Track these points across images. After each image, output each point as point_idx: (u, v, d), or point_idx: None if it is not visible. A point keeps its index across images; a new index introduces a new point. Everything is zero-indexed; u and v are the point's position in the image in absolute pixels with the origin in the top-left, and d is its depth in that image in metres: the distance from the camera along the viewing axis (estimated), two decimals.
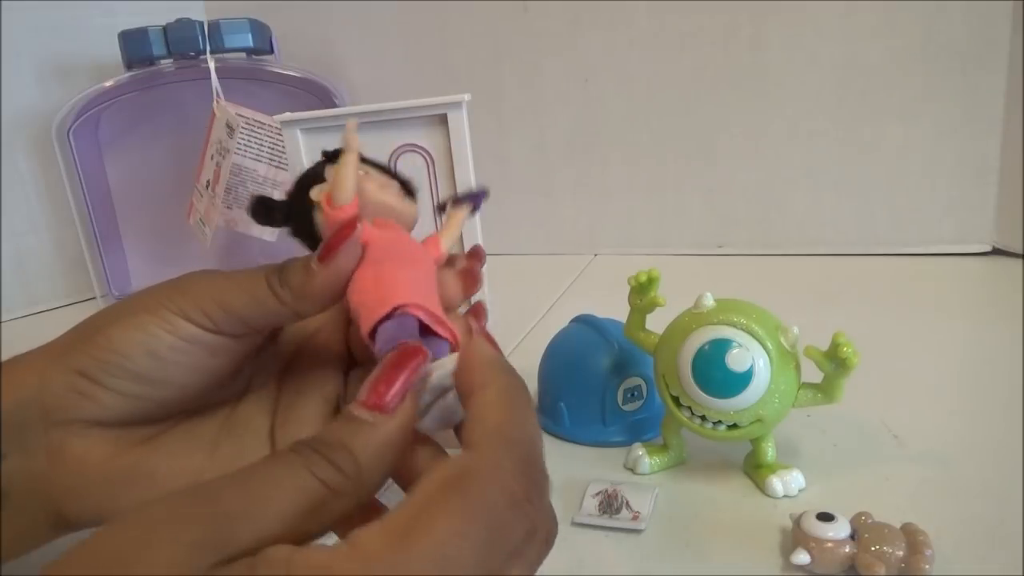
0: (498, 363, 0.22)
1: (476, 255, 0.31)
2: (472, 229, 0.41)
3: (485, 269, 0.41)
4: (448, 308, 0.29)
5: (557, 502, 0.36)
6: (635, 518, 0.34)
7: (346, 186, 0.27)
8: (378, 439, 0.21)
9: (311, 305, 0.27)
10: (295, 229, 0.30)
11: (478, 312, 0.30)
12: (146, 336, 0.26)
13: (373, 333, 0.25)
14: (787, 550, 0.31)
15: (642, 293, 0.38)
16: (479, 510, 0.18)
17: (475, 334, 0.24)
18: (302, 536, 0.19)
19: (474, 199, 0.32)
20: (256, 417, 0.31)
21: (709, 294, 0.36)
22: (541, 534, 0.21)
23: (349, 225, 0.26)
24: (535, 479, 0.20)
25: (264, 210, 0.30)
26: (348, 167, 0.27)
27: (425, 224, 0.41)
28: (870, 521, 0.30)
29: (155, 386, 0.27)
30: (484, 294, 0.42)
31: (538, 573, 0.21)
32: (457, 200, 0.32)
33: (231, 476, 0.19)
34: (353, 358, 0.32)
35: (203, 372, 0.28)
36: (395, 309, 0.25)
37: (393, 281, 0.26)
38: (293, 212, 0.29)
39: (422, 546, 0.17)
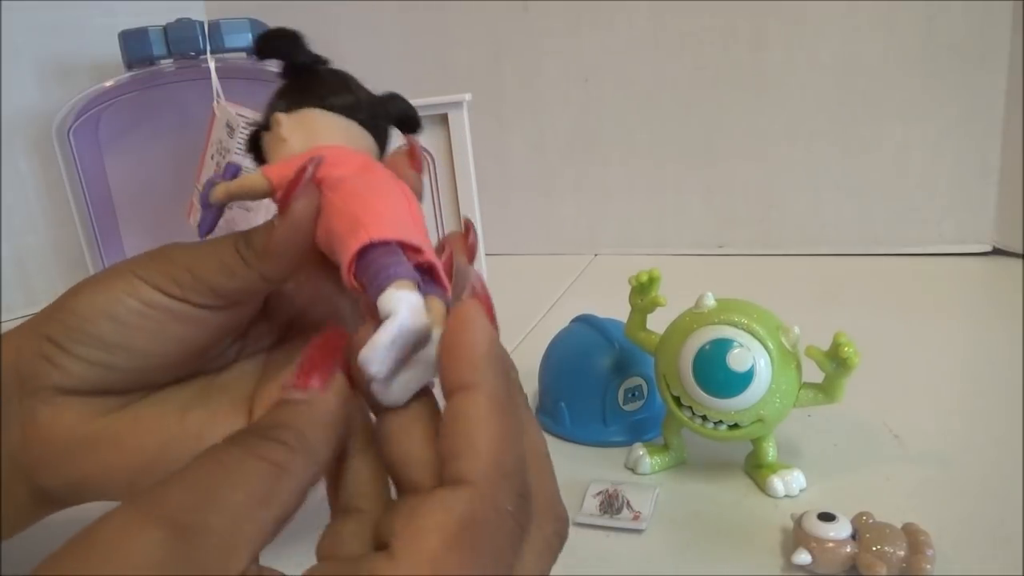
0: (490, 352, 0.20)
1: (468, 229, 0.28)
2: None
3: (485, 269, 0.41)
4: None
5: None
6: (636, 518, 0.34)
7: (251, 186, 0.26)
8: (318, 414, 0.20)
9: (276, 264, 0.26)
10: None
11: (467, 230, 0.26)
12: (109, 301, 0.26)
13: (355, 273, 0.22)
14: (788, 550, 0.31)
15: (643, 293, 0.38)
16: (489, 560, 0.18)
17: (467, 296, 0.21)
18: (266, 526, 0.18)
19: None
20: (236, 385, 0.30)
21: (710, 294, 0.36)
22: (545, 531, 0.21)
23: (298, 177, 0.25)
24: (529, 511, 0.20)
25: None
26: (241, 186, 0.26)
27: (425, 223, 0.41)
28: (871, 521, 0.30)
29: (121, 353, 0.27)
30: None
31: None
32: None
33: (174, 478, 0.18)
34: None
35: (171, 340, 0.27)
36: (371, 242, 0.22)
37: (363, 207, 0.24)
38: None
39: None
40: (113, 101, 0.71)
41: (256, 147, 0.28)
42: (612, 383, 0.41)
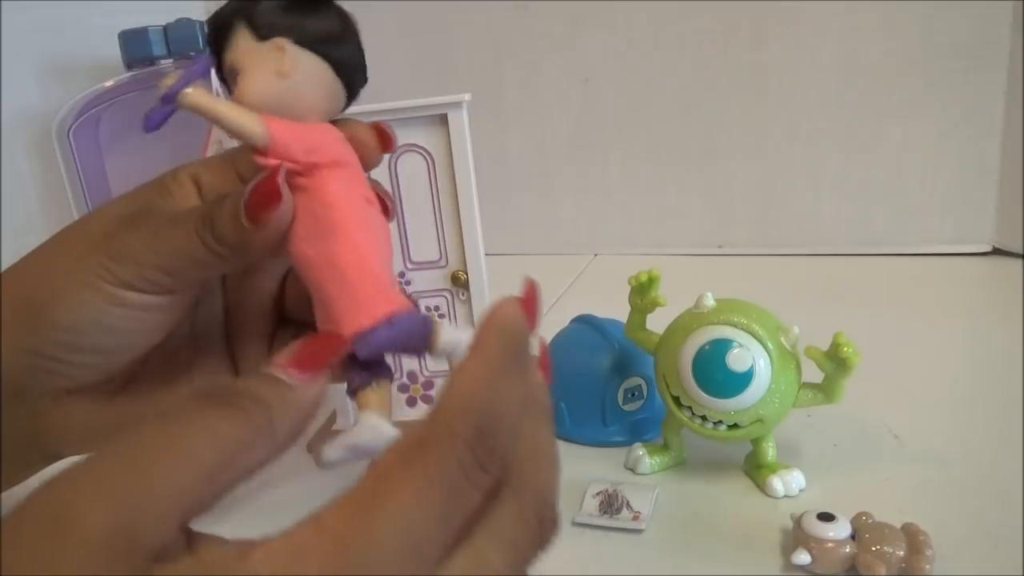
0: (508, 329, 0.20)
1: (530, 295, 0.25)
2: (472, 227, 0.41)
3: (485, 270, 0.41)
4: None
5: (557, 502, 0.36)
6: (636, 518, 0.34)
7: (250, 130, 0.23)
8: (295, 402, 0.20)
9: (254, 257, 0.26)
10: None
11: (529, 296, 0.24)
12: (96, 313, 0.25)
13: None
14: (788, 550, 0.31)
15: (643, 293, 0.38)
16: (434, 477, 0.18)
17: (507, 300, 0.21)
18: (214, 489, 0.18)
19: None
20: (210, 333, 0.30)
21: (709, 294, 0.36)
22: (523, 501, 0.21)
23: (271, 193, 0.23)
24: (491, 448, 0.19)
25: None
26: (229, 115, 0.23)
27: (425, 224, 0.42)
28: (871, 521, 0.30)
29: (119, 351, 0.27)
30: (485, 296, 0.42)
31: (539, 573, 0.21)
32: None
33: (150, 428, 0.19)
34: None
35: (165, 325, 0.27)
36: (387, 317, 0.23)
37: (358, 265, 0.23)
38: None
39: (385, 515, 0.17)
40: (113, 101, 0.71)
41: (221, 41, 0.24)
42: (612, 383, 0.41)
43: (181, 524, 0.18)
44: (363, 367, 0.23)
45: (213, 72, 0.26)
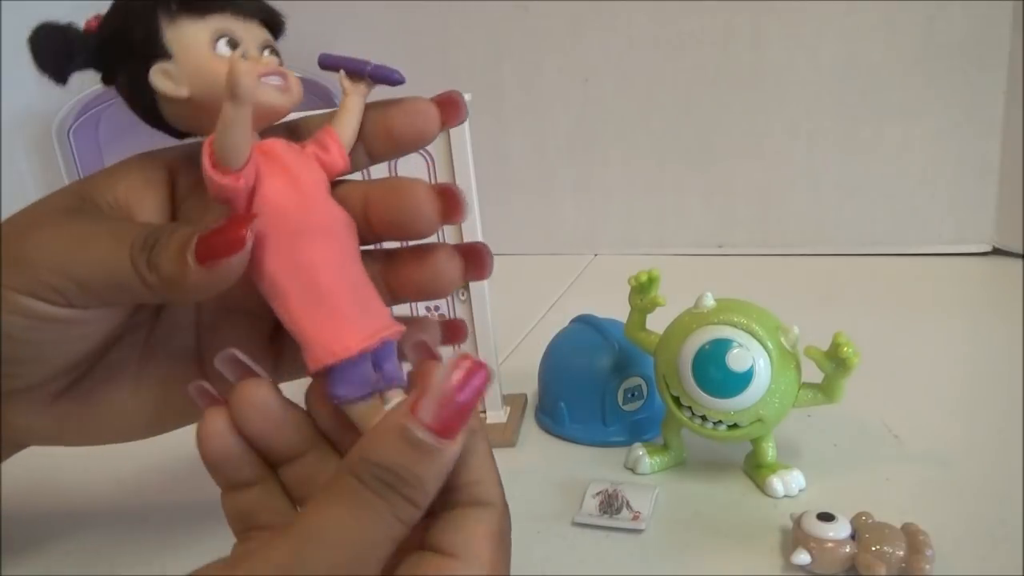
0: (497, 475, 0.23)
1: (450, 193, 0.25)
2: (472, 227, 0.41)
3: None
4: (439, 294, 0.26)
5: (558, 502, 0.36)
6: (635, 518, 0.34)
7: (239, 145, 0.20)
8: (443, 465, 0.20)
9: (185, 300, 0.24)
10: (117, 85, 0.23)
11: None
12: None
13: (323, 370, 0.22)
14: (787, 550, 0.31)
15: (642, 293, 0.38)
16: (509, 558, 0.23)
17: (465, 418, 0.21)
18: (373, 571, 0.20)
19: (377, 75, 0.24)
20: (175, 337, 0.28)
21: (709, 294, 0.36)
22: None
23: (234, 242, 0.20)
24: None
25: (53, 46, 0.23)
26: (227, 119, 0.20)
27: None
28: (870, 521, 0.30)
29: (33, 361, 0.24)
30: (485, 296, 0.41)
31: (539, 573, 0.22)
32: (351, 74, 0.25)
33: (305, 536, 0.19)
34: None
35: (88, 337, 0.25)
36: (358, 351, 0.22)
37: (314, 308, 0.21)
38: (108, 67, 0.23)
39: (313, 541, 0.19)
40: (113, 101, 0.71)
41: (127, 54, 0.22)
42: (612, 383, 0.41)
43: None
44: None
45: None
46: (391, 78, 0.25)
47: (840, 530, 0.30)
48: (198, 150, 0.21)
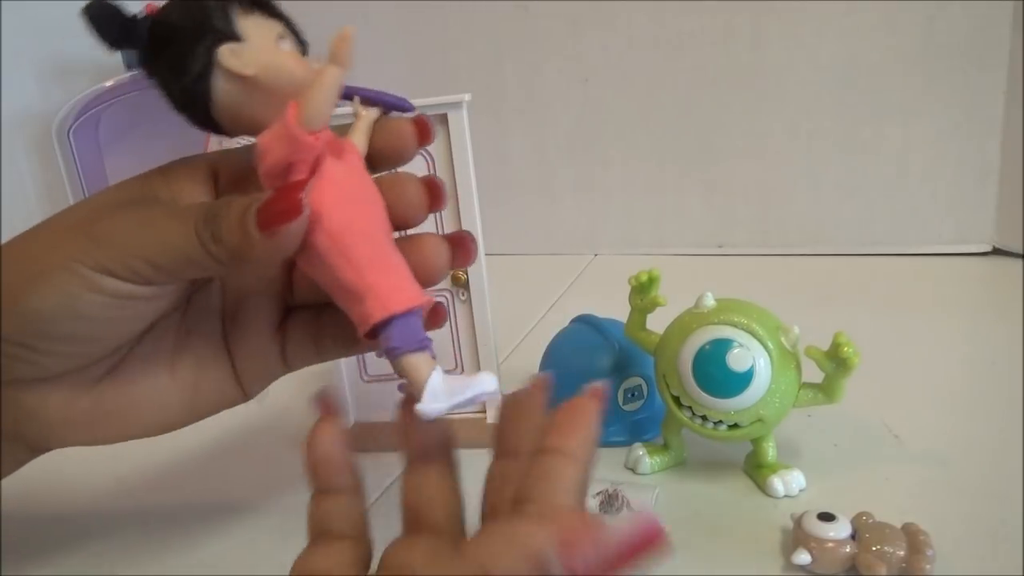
0: (589, 434, 0.23)
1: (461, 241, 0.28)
2: (473, 227, 0.41)
3: (485, 270, 0.41)
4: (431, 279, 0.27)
5: None
6: None
7: (329, 106, 0.23)
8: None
9: (254, 270, 0.25)
10: (169, 87, 0.25)
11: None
12: (67, 299, 0.23)
13: (372, 330, 0.24)
14: (788, 550, 0.31)
15: (643, 293, 0.38)
16: None
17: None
18: None
19: (389, 103, 0.28)
20: (204, 322, 0.29)
21: (709, 294, 0.36)
22: None
23: (291, 206, 0.22)
24: None
25: (116, 18, 0.25)
26: (331, 80, 0.23)
27: (425, 224, 0.41)
28: (871, 521, 0.30)
29: (94, 341, 0.25)
30: (485, 296, 0.41)
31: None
32: (365, 101, 0.28)
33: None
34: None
35: (146, 316, 0.26)
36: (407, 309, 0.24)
37: (377, 262, 0.24)
38: (167, 59, 0.24)
39: None
40: (113, 101, 0.71)
41: (193, 40, 0.24)
42: (612, 383, 0.41)
43: None
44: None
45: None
46: (401, 106, 0.28)
47: (840, 530, 0.30)
48: (232, 155, 0.25)
